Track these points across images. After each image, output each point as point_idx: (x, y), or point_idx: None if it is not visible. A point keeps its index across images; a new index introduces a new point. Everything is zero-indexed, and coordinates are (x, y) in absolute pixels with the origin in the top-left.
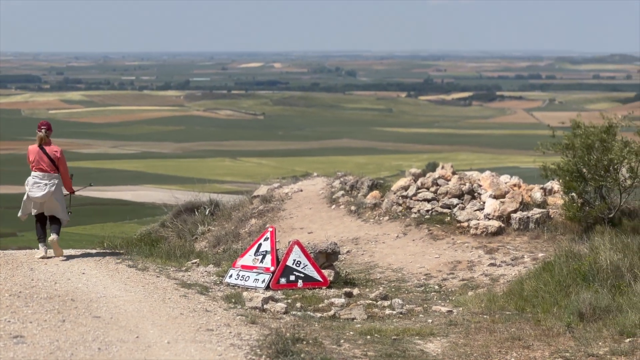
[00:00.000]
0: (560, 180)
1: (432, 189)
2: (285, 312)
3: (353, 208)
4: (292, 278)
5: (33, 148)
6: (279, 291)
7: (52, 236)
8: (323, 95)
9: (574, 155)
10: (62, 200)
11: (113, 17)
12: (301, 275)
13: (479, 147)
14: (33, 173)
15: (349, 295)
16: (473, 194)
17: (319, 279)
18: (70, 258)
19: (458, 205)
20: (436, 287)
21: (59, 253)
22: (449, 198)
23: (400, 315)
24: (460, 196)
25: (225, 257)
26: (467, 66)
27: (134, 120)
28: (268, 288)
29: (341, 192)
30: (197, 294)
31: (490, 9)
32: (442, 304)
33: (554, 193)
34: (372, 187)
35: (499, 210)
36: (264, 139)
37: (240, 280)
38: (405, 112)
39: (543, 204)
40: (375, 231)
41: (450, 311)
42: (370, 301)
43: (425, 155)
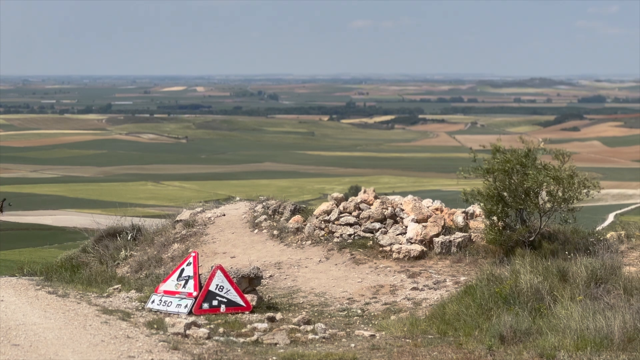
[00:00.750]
0: (481, 204)
1: (355, 213)
2: (208, 338)
3: (276, 232)
4: (215, 303)
5: None
6: (202, 316)
7: None
8: (245, 119)
9: (495, 180)
10: None
11: (32, 40)
12: (224, 300)
13: (402, 170)
14: None
15: (271, 320)
16: (395, 218)
17: (242, 303)
18: None
19: (380, 230)
20: (359, 312)
21: None
22: (372, 222)
23: (323, 340)
24: (382, 220)
25: (148, 283)
26: (389, 89)
27: (54, 144)
28: (191, 313)
29: (264, 217)
30: (119, 320)
31: (412, 32)
32: (365, 328)
33: (476, 217)
34: (295, 212)
35: (421, 234)
36: (186, 163)
37: (163, 305)
38: (327, 136)
39: (465, 228)
40: (298, 255)
41: (373, 335)
42: (293, 326)
43: (347, 178)
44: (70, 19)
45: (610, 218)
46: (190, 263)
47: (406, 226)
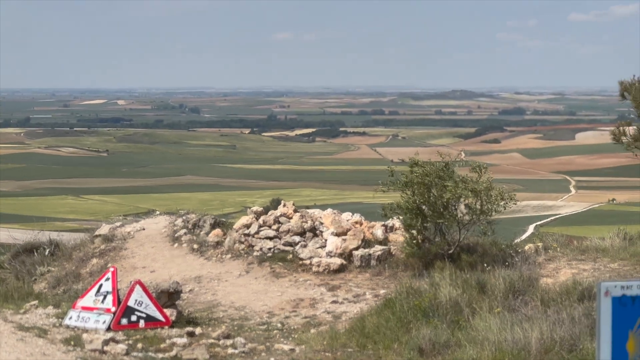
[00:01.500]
0: (400, 218)
1: (275, 227)
2: (126, 354)
3: (196, 246)
4: (134, 318)
5: None
6: (121, 332)
7: None
8: (167, 132)
9: (413, 193)
10: None
11: None
12: (143, 315)
13: (323, 183)
14: None
15: (191, 334)
16: (315, 232)
17: (161, 318)
18: None
19: (300, 243)
20: (279, 325)
21: None
22: (291, 236)
23: (243, 354)
24: (302, 234)
25: (66, 299)
26: (311, 102)
27: None
28: (109, 329)
29: (184, 231)
30: (35, 337)
31: (334, 45)
32: (285, 342)
33: (395, 230)
34: (215, 226)
35: (341, 247)
36: (107, 176)
37: (81, 321)
38: (249, 149)
39: (384, 241)
40: (218, 269)
41: (292, 349)
42: (213, 340)
43: (269, 191)
44: None
45: (531, 229)
46: (109, 278)
47: (326, 239)
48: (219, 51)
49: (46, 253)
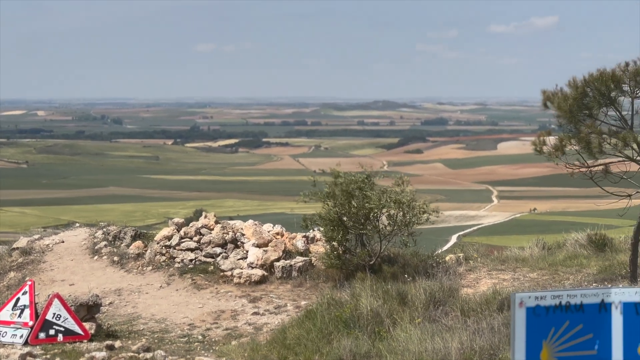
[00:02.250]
0: (321, 229)
1: (196, 239)
2: None
3: (116, 259)
4: (52, 332)
5: None
6: (38, 346)
7: None
8: (88, 143)
9: (335, 204)
10: None
11: None
12: (61, 329)
13: (246, 194)
14: None
15: (110, 348)
16: (236, 243)
17: (80, 332)
18: None
19: (221, 255)
20: (200, 337)
21: None
22: (213, 247)
23: None
24: (223, 245)
25: None
26: (234, 113)
27: None
28: (26, 344)
29: (104, 243)
30: None
31: (256, 55)
32: (206, 354)
33: (316, 241)
34: (136, 237)
35: (262, 258)
36: (27, 188)
37: None
38: (171, 160)
39: (306, 252)
40: (138, 282)
41: None
42: (133, 354)
43: (192, 202)
44: None
45: (454, 239)
46: (26, 292)
47: (247, 251)
48: (141, 62)
49: None
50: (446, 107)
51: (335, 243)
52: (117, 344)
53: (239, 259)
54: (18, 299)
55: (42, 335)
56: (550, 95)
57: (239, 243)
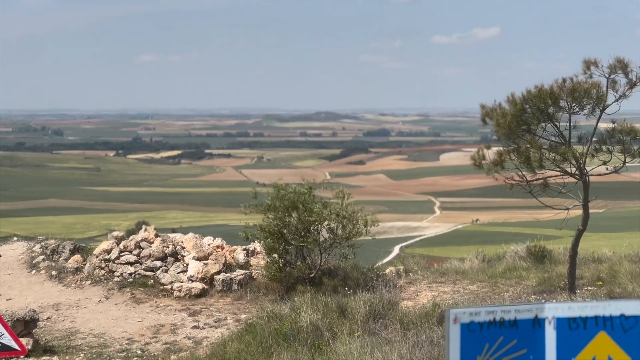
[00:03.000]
0: (262, 241)
1: (135, 252)
2: None
3: (54, 273)
4: None
5: None
6: None
7: None
8: (29, 155)
9: (275, 217)
10: None
11: None
12: None
13: (189, 205)
14: None
15: None
16: (177, 256)
17: (17, 347)
18: None
19: (161, 268)
20: (138, 352)
21: None
22: (153, 261)
23: None
24: (163, 259)
25: None
26: (176, 124)
27: None
28: None
29: (42, 257)
30: None
31: (199, 66)
32: None
33: (257, 254)
34: (74, 251)
35: (202, 272)
36: None
37: None
38: (114, 171)
39: (246, 265)
40: (77, 296)
41: None
42: None
43: (134, 214)
44: None
45: (396, 250)
46: None
47: (187, 264)
48: (83, 72)
49: None
50: (388, 118)
51: (275, 255)
52: (55, 359)
53: (179, 273)
54: None
55: None
56: (489, 110)
57: (179, 256)
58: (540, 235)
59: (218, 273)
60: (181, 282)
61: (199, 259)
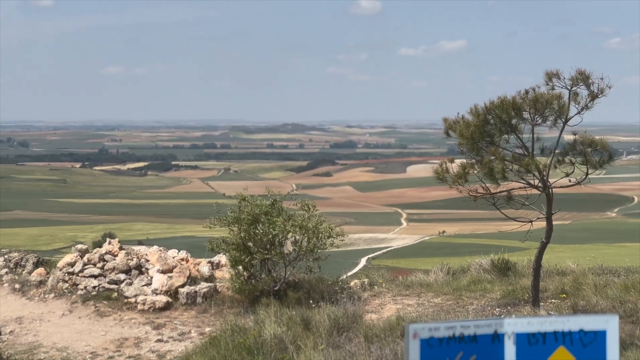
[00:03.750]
0: (227, 254)
1: (99, 265)
2: None
3: (17, 286)
4: None
5: None
6: None
7: None
8: None
9: (240, 230)
10: None
11: None
12: None
13: (156, 217)
14: None
15: None
16: (141, 269)
17: None
18: None
19: (126, 281)
20: None
21: None
22: (117, 274)
23: None
24: (128, 271)
25: None
26: (143, 136)
27: None
28: None
29: (5, 270)
30: None
31: (165, 78)
32: None
33: (222, 267)
34: (38, 264)
35: (166, 285)
36: None
37: None
38: (80, 183)
39: (211, 278)
40: (40, 309)
41: None
42: None
43: (100, 225)
44: None
45: (363, 262)
46: None
47: (152, 277)
48: (48, 84)
49: None
50: (355, 130)
51: (240, 267)
52: None
53: (144, 285)
54: None
55: None
56: (452, 123)
57: (143, 269)
58: (505, 247)
59: (182, 286)
60: (145, 295)
61: (163, 272)
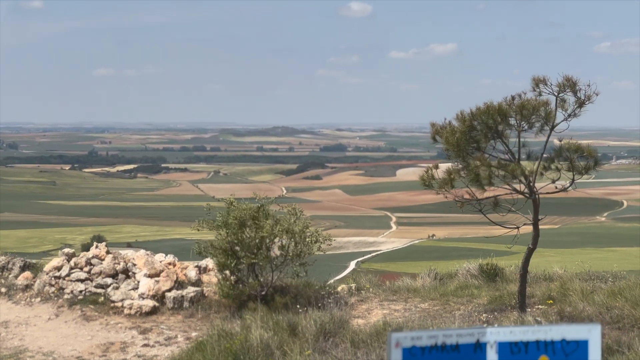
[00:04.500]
0: (214, 258)
1: (86, 269)
2: None
3: (3, 290)
4: None
5: None
6: None
7: None
8: None
9: (228, 234)
10: None
11: None
12: None
13: (145, 219)
14: None
15: None
16: (128, 273)
17: None
18: None
19: (112, 285)
20: None
21: None
22: (103, 278)
23: None
24: (114, 276)
25: None
26: (132, 138)
27: None
28: None
29: None
30: None
31: (156, 81)
32: None
33: (209, 271)
34: (24, 268)
35: (153, 289)
36: None
37: None
38: (69, 185)
39: (198, 282)
40: (26, 313)
41: None
42: None
43: (90, 228)
44: None
45: (352, 265)
46: None
47: (138, 281)
48: (38, 86)
49: None
50: (345, 134)
51: (227, 272)
52: None
53: (130, 290)
54: None
55: None
56: (438, 128)
57: (130, 273)
58: (494, 252)
59: (169, 290)
60: (132, 300)
61: (150, 276)
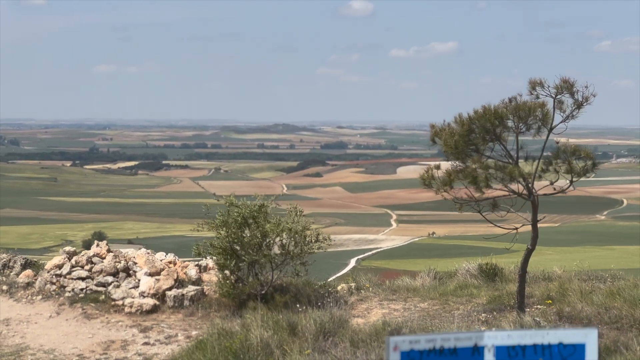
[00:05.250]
0: (214, 257)
1: (87, 267)
2: None
3: (5, 288)
4: None
5: None
6: None
7: None
8: None
9: (228, 233)
10: None
11: None
12: None
13: (146, 216)
14: None
15: None
16: (129, 272)
17: None
18: None
19: (113, 284)
20: None
21: None
22: (104, 276)
23: None
24: (115, 274)
25: None
26: (134, 135)
27: None
28: None
29: None
30: None
31: (157, 77)
32: None
33: (209, 270)
34: (26, 266)
35: (154, 287)
36: None
37: None
38: (70, 181)
39: (198, 281)
40: (28, 311)
41: None
42: None
43: (91, 224)
44: None
45: (352, 263)
46: None
47: (139, 280)
48: (40, 83)
49: None
50: (346, 131)
51: (227, 271)
52: None
53: (131, 288)
54: None
55: None
56: (438, 130)
57: (131, 272)
58: (494, 250)
59: (170, 289)
60: (133, 298)
61: (151, 275)
